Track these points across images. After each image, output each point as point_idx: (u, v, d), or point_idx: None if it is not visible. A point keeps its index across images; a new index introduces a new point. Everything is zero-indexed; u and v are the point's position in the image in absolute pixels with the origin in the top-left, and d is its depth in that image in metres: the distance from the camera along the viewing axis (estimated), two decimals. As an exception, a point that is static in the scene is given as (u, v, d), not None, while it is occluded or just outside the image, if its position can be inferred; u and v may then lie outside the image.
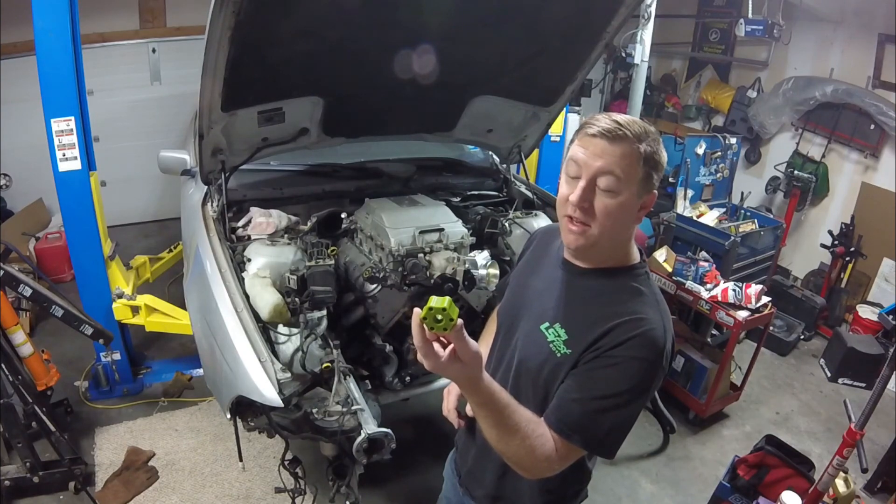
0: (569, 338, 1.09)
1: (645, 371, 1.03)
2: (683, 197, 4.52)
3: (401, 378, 2.24)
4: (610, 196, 1.03)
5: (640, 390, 1.03)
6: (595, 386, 1.04)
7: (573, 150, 1.06)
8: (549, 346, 1.11)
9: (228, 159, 2.35)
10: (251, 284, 1.95)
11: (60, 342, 3.38)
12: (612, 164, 1.01)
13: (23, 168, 4.47)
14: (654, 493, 2.78)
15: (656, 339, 1.04)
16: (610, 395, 1.03)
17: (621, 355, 1.02)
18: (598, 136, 1.02)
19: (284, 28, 1.83)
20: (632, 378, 1.02)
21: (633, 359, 1.02)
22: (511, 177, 3.09)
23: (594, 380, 1.04)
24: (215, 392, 2.00)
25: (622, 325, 1.04)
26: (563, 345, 1.09)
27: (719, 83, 5.65)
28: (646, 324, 1.04)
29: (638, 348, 1.02)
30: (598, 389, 1.03)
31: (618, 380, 1.02)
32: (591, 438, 1.05)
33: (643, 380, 1.03)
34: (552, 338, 1.11)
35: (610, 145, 1.01)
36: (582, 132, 1.06)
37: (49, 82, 2.46)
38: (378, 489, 2.59)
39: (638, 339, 1.02)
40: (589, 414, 1.03)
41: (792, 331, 4.17)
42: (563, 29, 2.21)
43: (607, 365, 1.03)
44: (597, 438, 1.05)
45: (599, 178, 1.02)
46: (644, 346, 1.03)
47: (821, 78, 4.55)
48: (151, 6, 4.83)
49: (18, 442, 2.36)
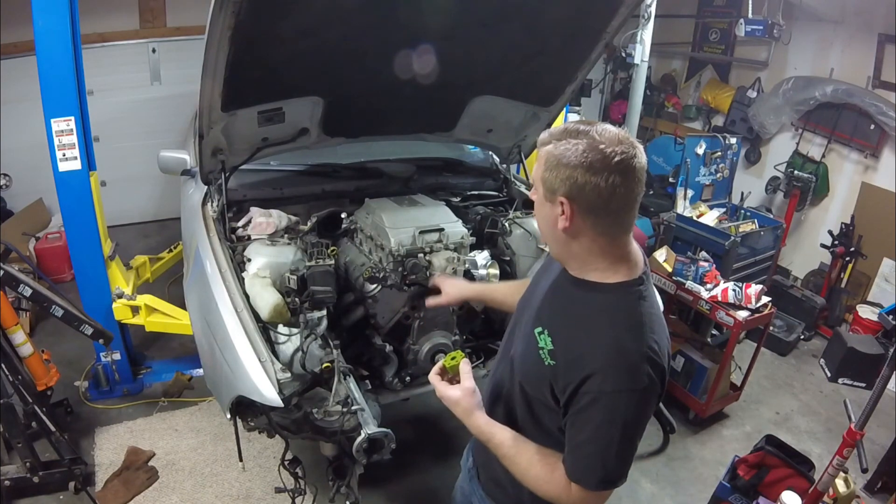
0: (553, 348, 1.09)
1: (618, 402, 1.01)
2: (683, 197, 4.51)
3: (401, 378, 2.24)
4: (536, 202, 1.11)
5: (627, 421, 1.02)
6: (584, 429, 1.04)
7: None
8: (539, 353, 1.11)
9: (228, 159, 2.35)
10: (251, 284, 1.96)
11: (60, 342, 3.38)
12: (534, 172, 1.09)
13: (23, 168, 4.48)
14: (654, 493, 2.78)
15: (627, 368, 1.01)
16: (599, 435, 1.02)
17: (595, 390, 1.01)
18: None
19: (284, 28, 1.83)
20: (610, 412, 1.01)
21: (607, 394, 1.00)
22: (511, 177, 3.09)
23: (581, 422, 1.04)
24: (215, 392, 2.00)
25: (594, 351, 1.02)
26: (548, 355, 1.09)
27: (719, 83, 5.65)
28: (617, 351, 1.02)
29: (610, 382, 1.00)
30: (587, 432, 1.03)
31: (600, 417, 1.01)
32: (601, 478, 1.05)
33: (618, 411, 1.01)
34: (542, 344, 1.11)
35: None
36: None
37: (49, 82, 2.46)
38: (378, 489, 2.58)
39: (608, 372, 1.00)
40: (589, 458, 1.05)
41: (792, 331, 4.17)
42: (563, 29, 2.21)
43: (586, 405, 1.02)
44: (606, 476, 1.05)
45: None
46: (615, 379, 1.00)
47: (821, 78, 4.54)
48: (151, 6, 4.83)
49: (18, 442, 2.36)
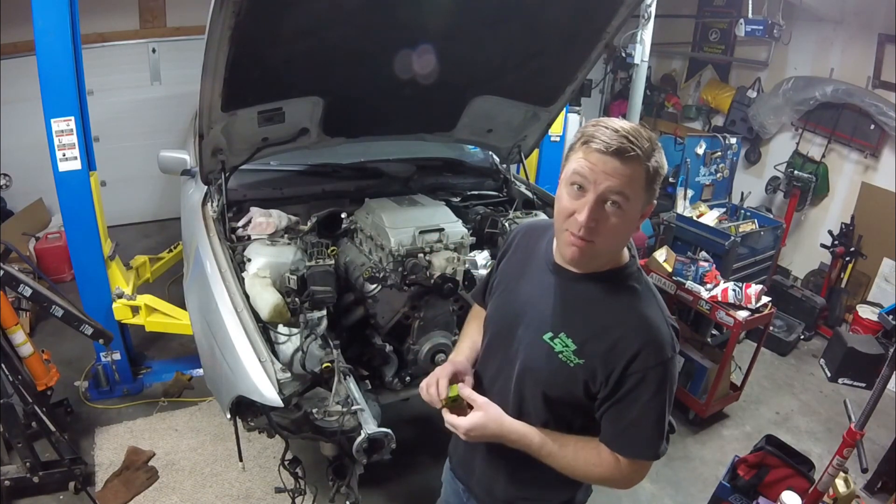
0: (578, 347, 1.10)
1: (664, 373, 1.07)
2: (683, 197, 4.52)
3: (401, 378, 2.24)
4: (617, 214, 1.02)
5: (668, 390, 1.09)
6: (632, 408, 1.09)
7: (579, 163, 1.02)
8: (559, 357, 1.11)
9: (228, 159, 2.35)
10: (251, 284, 1.95)
11: (60, 342, 3.38)
12: (623, 184, 0.99)
13: (23, 168, 4.48)
14: (654, 493, 2.78)
15: (662, 340, 1.07)
16: (648, 410, 1.08)
17: (640, 369, 1.06)
18: (609, 154, 0.98)
19: (284, 28, 1.83)
20: (658, 384, 1.07)
21: (650, 369, 1.06)
22: (511, 177, 3.09)
23: (629, 403, 1.08)
24: (215, 392, 2.00)
25: (628, 334, 1.07)
26: (573, 355, 1.10)
27: (719, 83, 5.65)
28: (650, 327, 1.08)
29: (652, 357, 1.06)
30: (636, 410, 1.08)
31: (648, 393, 1.07)
32: (653, 448, 1.12)
33: (667, 380, 1.08)
34: (560, 348, 1.11)
35: (621, 165, 0.98)
36: (587, 145, 1.01)
37: (49, 82, 2.46)
38: (378, 489, 2.59)
39: (648, 349, 1.06)
40: (642, 434, 1.10)
41: (792, 331, 4.17)
42: (563, 29, 2.21)
43: (633, 386, 1.07)
44: (655, 446, 1.12)
45: (609, 197, 1.01)
46: (656, 352, 1.07)
47: (821, 78, 4.55)
48: (151, 6, 4.83)
49: (18, 442, 2.36)
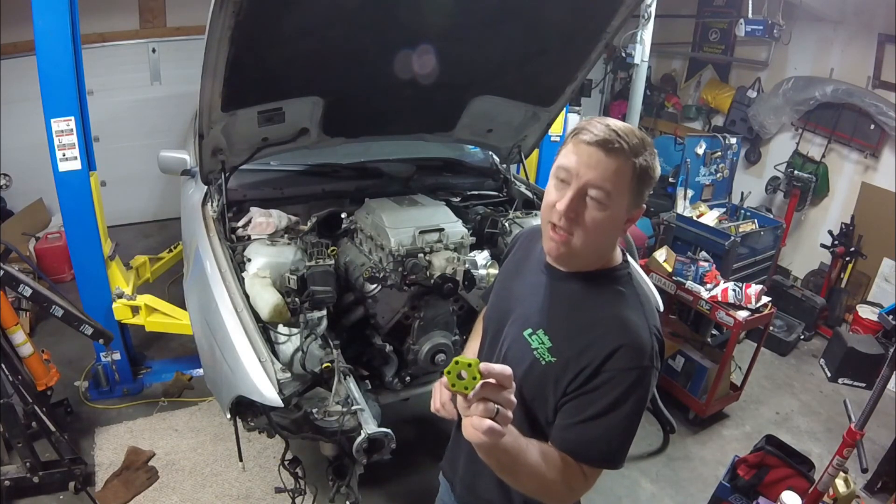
0: (553, 345, 1.08)
1: (637, 379, 1.02)
2: (683, 197, 4.52)
3: (401, 378, 2.24)
4: (599, 209, 1.00)
5: (636, 398, 1.02)
6: (594, 405, 1.02)
7: (565, 155, 1.02)
8: (533, 353, 1.09)
9: (228, 159, 2.35)
10: (251, 284, 1.95)
11: (60, 342, 3.38)
12: (605, 177, 0.98)
13: (23, 168, 4.47)
14: (654, 493, 2.78)
15: (641, 345, 1.02)
16: (609, 411, 1.01)
17: (611, 369, 1.01)
18: (594, 145, 0.98)
19: (284, 28, 1.83)
20: (626, 389, 1.01)
21: (623, 371, 1.01)
22: (511, 177, 3.09)
23: (592, 399, 1.02)
24: (215, 392, 2.00)
25: (606, 335, 1.02)
26: (547, 352, 1.08)
27: (719, 83, 5.65)
28: (628, 330, 1.03)
29: (626, 359, 1.01)
30: (597, 407, 1.02)
31: (614, 394, 1.01)
32: (604, 455, 1.05)
33: (637, 387, 1.02)
34: (536, 344, 1.10)
35: (605, 157, 0.97)
36: (576, 137, 1.01)
37: (49, 82, 2.46)
38: (378, 489, 2.59)
39: (624, 350, 1.01)
40: (594, 433, 1.03)
41: (792, 331, 4.17)
42: (563, 29, 2.21)
43: (601, 383, 1.01)
44: (609, 454, 1.05)
45: (590, 190, 0.99)
46: (633, 356, 1.01)
47: (821, 78, 4.55)
48: (151, 6, 4.83)
49: (18, 442, 2.35)
